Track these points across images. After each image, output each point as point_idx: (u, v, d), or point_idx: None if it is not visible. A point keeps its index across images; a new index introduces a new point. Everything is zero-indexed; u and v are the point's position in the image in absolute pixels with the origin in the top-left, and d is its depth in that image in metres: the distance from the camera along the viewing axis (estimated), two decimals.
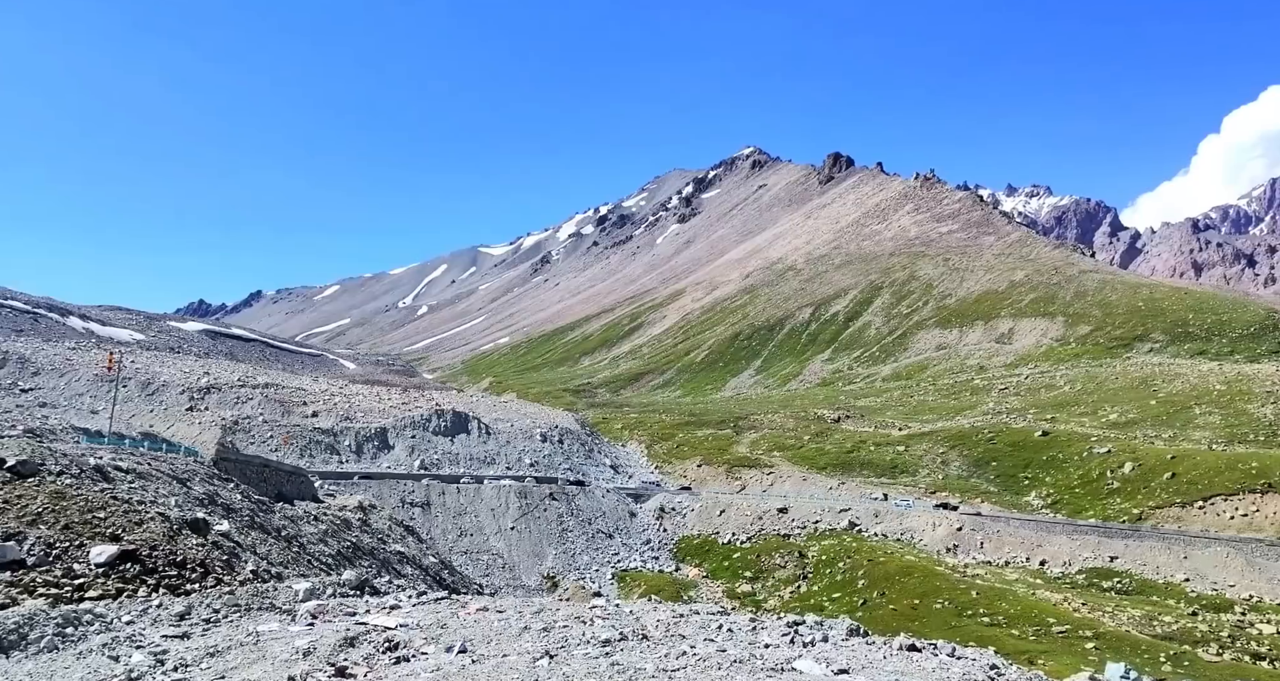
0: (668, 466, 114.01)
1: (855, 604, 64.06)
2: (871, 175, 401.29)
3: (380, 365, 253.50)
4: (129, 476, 38.49)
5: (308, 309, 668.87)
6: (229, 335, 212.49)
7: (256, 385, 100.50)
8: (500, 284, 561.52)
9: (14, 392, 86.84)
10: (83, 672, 8.03)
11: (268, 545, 38.10)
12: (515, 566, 76.04)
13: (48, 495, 31.49)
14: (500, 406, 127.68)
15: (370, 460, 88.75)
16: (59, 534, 29.18)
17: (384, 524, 52.81)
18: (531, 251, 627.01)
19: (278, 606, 13.29)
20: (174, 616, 10.97)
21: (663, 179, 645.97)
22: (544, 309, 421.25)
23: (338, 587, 14.73)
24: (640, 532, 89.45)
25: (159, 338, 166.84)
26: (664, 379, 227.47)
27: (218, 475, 46.82)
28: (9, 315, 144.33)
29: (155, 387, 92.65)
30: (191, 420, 79.65)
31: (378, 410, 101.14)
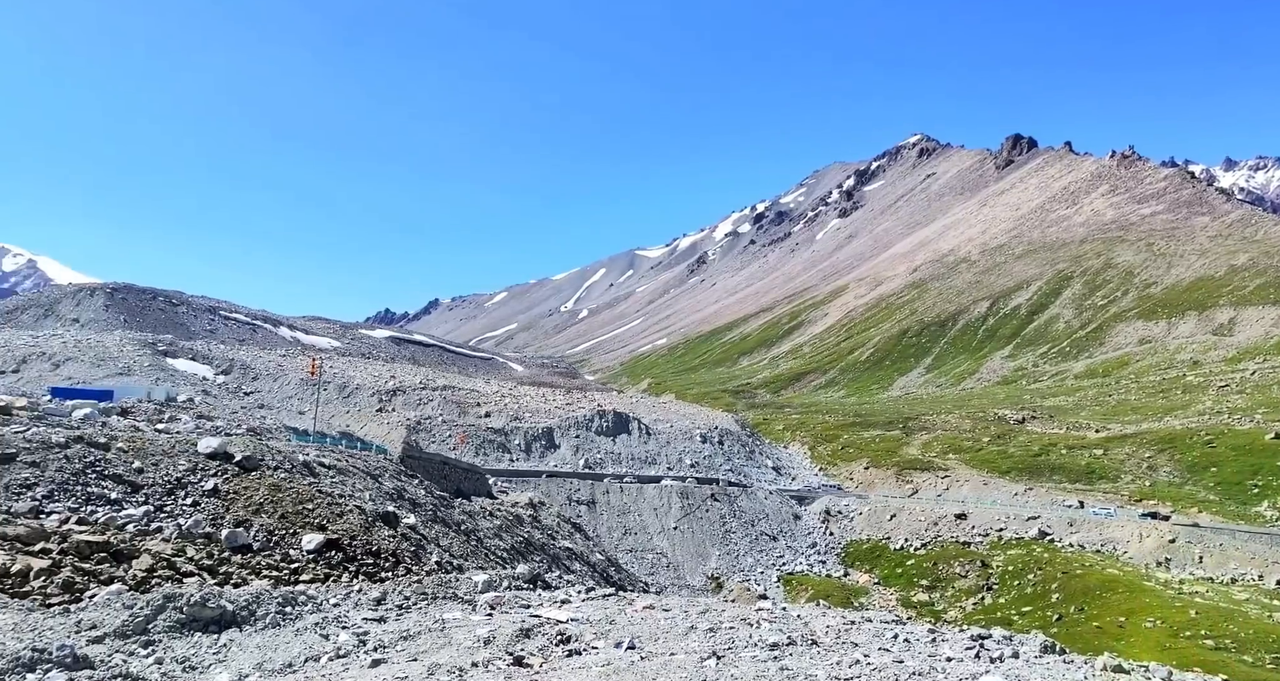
0: (832, 468, 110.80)
1: (1049, 619, 59.17)
2: (1058, 156, 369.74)
3: (545, 367, 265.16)
4: (331, 472, 42.63)
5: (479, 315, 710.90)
6: (411, 341, 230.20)
7: (436, 387, 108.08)
8: (657, 286, 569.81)
9: (239, 395, 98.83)
10: (300, 648, 8.91)
11: (449, 538, 40.90)
12: (679, 566, 76.75)
13: (267, 487, 35.48)
14: (659, 407, 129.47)
15: (538, 459, 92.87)
16: (277, 522, 32.79)
17: (553, 520, 55.05)
18: (687, 252, 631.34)
19: (459, 596, 14.09)
20: (372, 601, 11.94)
21: (822, 173, 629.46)
22: (701, 309, 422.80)
23: (512, 581, 15.43)
24: (805, 535, 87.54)
25: (352, 344, 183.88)
26: (826, 379, 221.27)
27: (404, 471, 50.84)
28: (233, 327, 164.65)
29: (350, 390, 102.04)
30: (381, 420, 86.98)
31: (544, 411, 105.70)
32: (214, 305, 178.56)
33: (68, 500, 31.69)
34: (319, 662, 9.13)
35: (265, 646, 9.12)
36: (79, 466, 33.26)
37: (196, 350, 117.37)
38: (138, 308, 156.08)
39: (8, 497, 30.82)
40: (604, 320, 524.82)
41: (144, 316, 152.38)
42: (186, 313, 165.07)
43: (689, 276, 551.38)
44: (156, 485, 34.95)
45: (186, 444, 38.97)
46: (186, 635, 8.95)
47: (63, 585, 20.45)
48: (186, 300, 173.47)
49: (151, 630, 8.79)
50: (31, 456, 32.54)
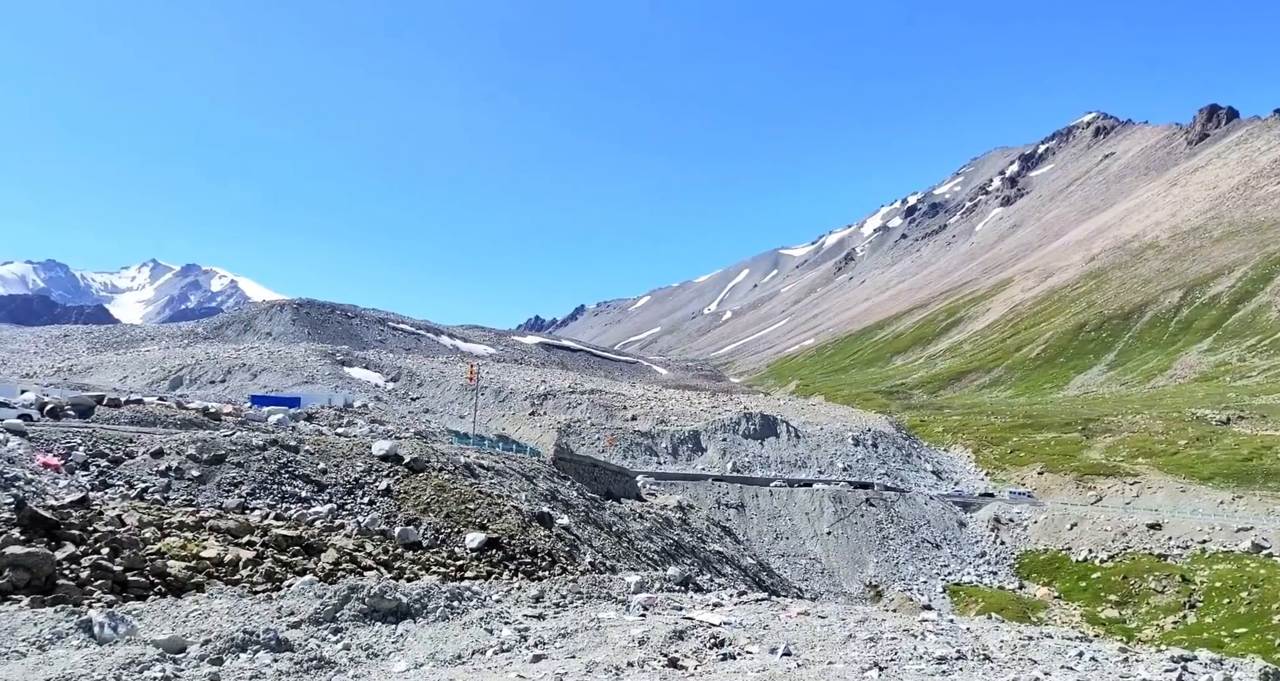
0: (1000, 473, 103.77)
1: (1269, 643, 52.49)
2: (1265, 126, 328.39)
3: (690, 370, 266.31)
4: (490, 473, 44.86)
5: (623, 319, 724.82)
6: (559, 346, 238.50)
7: (584, 391, 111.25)
8: (802, 285, 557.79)
9: (406, 400, 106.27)
10: (467, 640, 9.38)
11: (602, 539, 41.92)
12: (834, 572, 74.58)
13: (433, 488, 37.86)
14: (808, 409, 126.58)
15: (685, 462, 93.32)
16: (443, 521, 34.91)
17: (702, 523, 55.08)
18: (834, 250, 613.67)
19: (613, 596, 14.32)
20: (531, 598, 12.38)
21: (981, 160, 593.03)
22: (849, 308, 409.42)
23: (664, 582, 15.51)
24: (972, 544, 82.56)
25: (506, 351, 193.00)
26: (991, 377, 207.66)
27: (556, 473, 52.65)
28: (400, 336, 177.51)
29: (505, 395, 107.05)
30: (533, 423, 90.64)
31: (689, 413, 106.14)
32: (383, 317, 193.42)
33: (267, 497, 35.26)
34: (485, 656, 9.55)
35: (437, 638, 9.67)
36: (275, 467, 36.93)
37: (369, 359, 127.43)
38: (319, 321, 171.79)
39: (219, 494, 34.72)
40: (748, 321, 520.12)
41: (324, 328, 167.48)
42: (360, 324, 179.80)
43: (836, 274, 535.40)
44: (338, 485, 38.19)
45: (362, 446, 42.31)
46: (368, 624, 9.66)
47: (265, 574, 22.72)
48: (360, 313, 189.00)
49: (339, 618, 9.55)
50: (237, 458, 36.50)
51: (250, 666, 7.56)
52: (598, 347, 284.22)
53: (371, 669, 8.46)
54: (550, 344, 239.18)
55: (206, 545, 23.85)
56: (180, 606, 11.33)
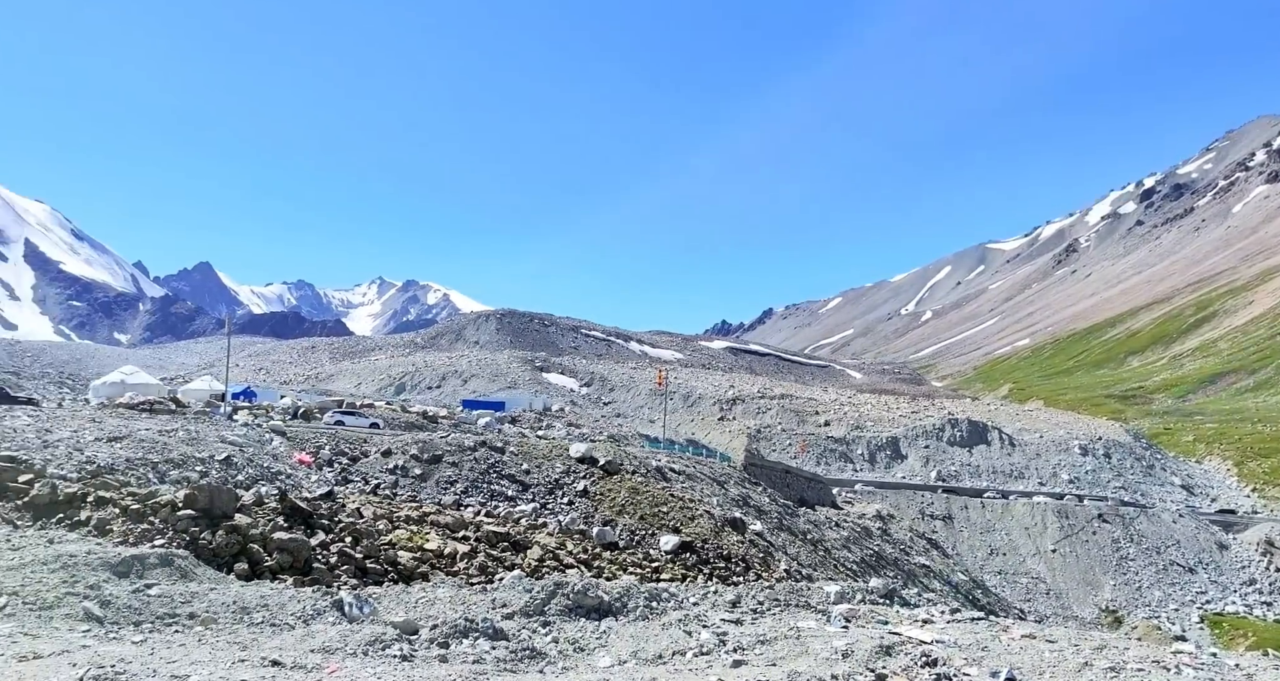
0: (1271, 489, 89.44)
1: None
2: None
3: (886, 374, 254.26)
4: (680, 477, 45.43)
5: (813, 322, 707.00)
6: (747, 351, 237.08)
7: (774, 396, 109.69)
8: (1014, 281, 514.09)
9: (599, 404, 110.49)
10: (667, 641, 9.47)
11: (796, 546, 41.01)
12: (1061, 594, 67.81)
13: (627, 490, 38.97)
14: (1024, 415, 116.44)
15: (883, 469, 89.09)
16: (637, 523, 35.82)
17: (904, 534, 52.23)
18: (1052, 241, 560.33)
19: (812, 606, 13.87)
20: (727, 603, 12.28)
21: (1238, 133, 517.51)
22: (1072, 304, 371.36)
23: (866, 594, 14.79)
24: (1237, 570, 71.85)
25: (693, 356, 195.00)
26: (1255, 380, 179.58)
27: (747, 479, 52.27)
28: (592, 343, 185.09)
29: (693, 399, 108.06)
30: (722, 428, 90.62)
31: (887, 419, 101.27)
32: (576, 324, 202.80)
33: (478, 495, 38.07)
34: (684, 657, 9.58)
35: (638, 636, 9.85)
36: (484, 467, 39.78)
37: (564, 365, 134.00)
38: (519, 329, 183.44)
39: (438, 491, 37.99)
40: (951, 321, 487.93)
41: (524, 336, 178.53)
42: (555, 332, 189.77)
43: (1055, 267, 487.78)
44: (540, 485, 40.41)
45: (561, 449, 44.49)
46: (574, 619, 10.04)
47: (479, 567, 24.46)
48: (555, 321, 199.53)
49: (547, 612, 10.02)
50: (452, 458, 39.73)
51: (472, 651, 8.13)
52: (787, 351, 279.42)
53: (579, 662, 8.78)
54: (737, 348, 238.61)
55: (429, 538, 26.11)
56: (410, 593, 12.39)
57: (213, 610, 9.40)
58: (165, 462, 27.50)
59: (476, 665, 7.75)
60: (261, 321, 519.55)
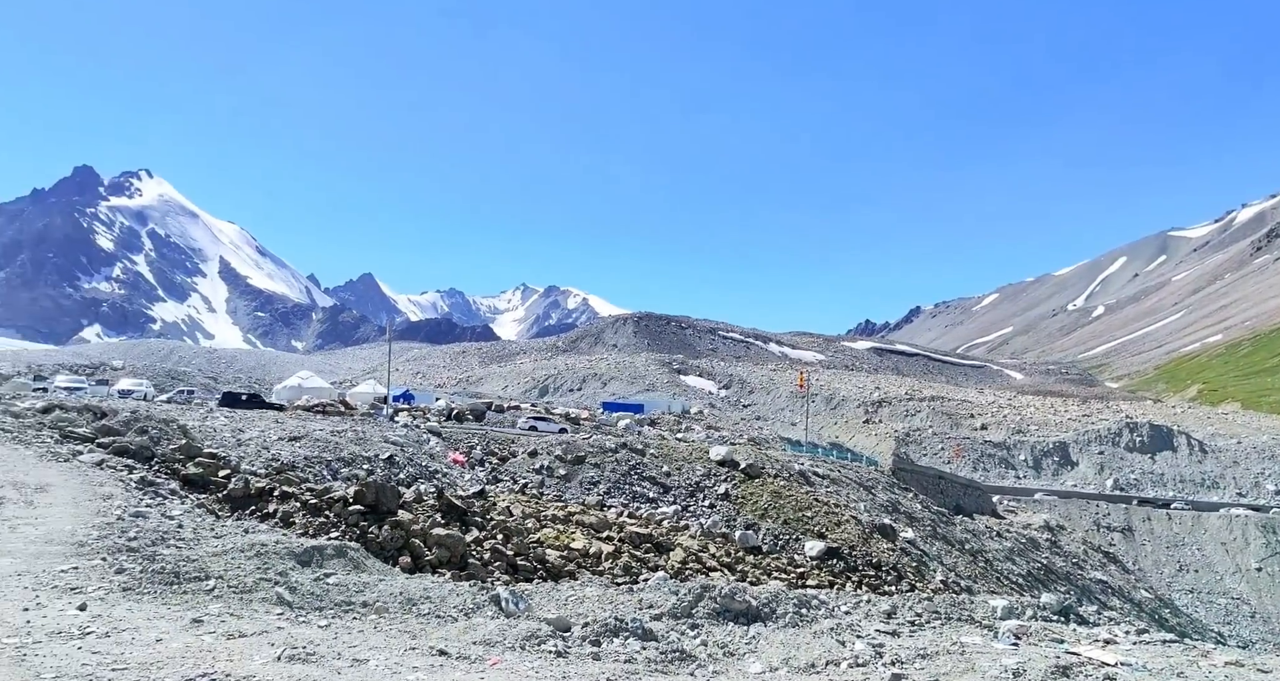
0: None
1: None
2: None
3: (1051, 374, 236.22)
4: (825, 481, 44.17)
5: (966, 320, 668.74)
6: (893, 351, 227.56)
7: (923, 398, 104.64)
8: (1204, 271, 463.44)
9: (738, 407, 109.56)
10: (819, 650, 9.15)
11: (953, 557, 38.75)
12: (1269, 618, 60.41)
13: (769, 494, 38.33)
14: (1217, 418, 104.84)
15: (1051, 476, 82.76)
16: (780, 527, 35.14)
17: (1077, 547, 48.23)
18: (1250, 226, 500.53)
19: (976, 620, 12.99)
20: (882, 613, 11.72)
21: None
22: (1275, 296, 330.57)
23: (1038, 610, 13.69)
24: None
25: (835, 357, 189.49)
26: None
27: (897, 484, 50.02)
28: (730, 345, 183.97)
29: (836, 402, 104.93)
30: (868, 431, 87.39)
31: (1054, 423, 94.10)
32: (714, 326, 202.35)
33: (620, 496, 38.72)
34: (839, 667, 9.22)
35: (788, 643, 9.57)
36: (626, 468, 40.42)
37: (702, 367, 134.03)
38: (656, 332, 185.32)
39: (582, 491, 38.96)
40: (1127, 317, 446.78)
41: (662, 339, 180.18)
42: (692, 334, 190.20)
43: (1253, 255, 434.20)
44: (680, 487, 40.56)
45: (701, 451, 44.46)
46: (721, 623, 9.89)
47: (623, 567, 24.81)
48: (692, 323, 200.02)
49: (695, 615, 9.93)
50: (594, 459, 40.66)
51: (623, 650, 8.18)
52: (937, 351, 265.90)
53: (729, 666, 8.63)
54: (883, 348, 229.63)
55: (575, 537, 26.79)
56: (559, 591, 12.68)
57: (382, 600, 10.00)
58: (337, 461, 29.85)
59: (628, 664, 7.79)
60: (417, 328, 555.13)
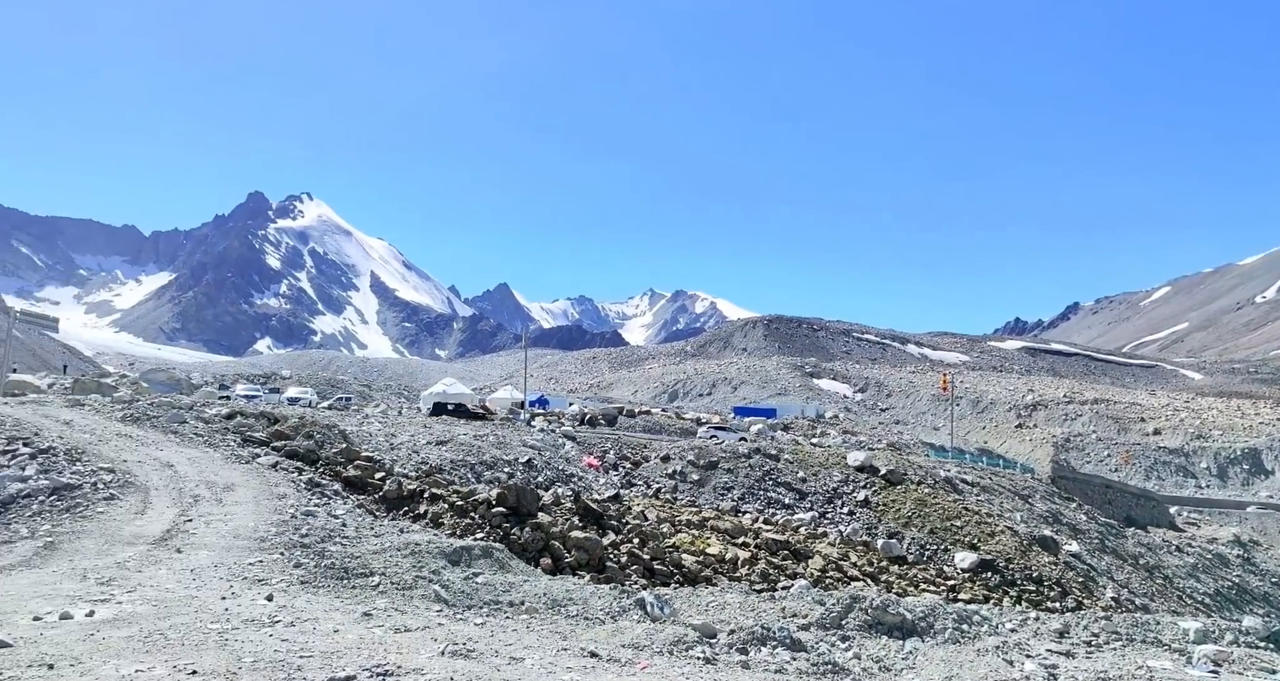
0: None
1: None
2: None
3: (1236, 373, 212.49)
4: (974, 489, 41.64)
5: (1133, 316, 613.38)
6: (1048, 351, 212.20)
7: (1084, 401, 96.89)
8: None
9: (875, 411, 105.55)
10: (984, 669, 8.51)
11: (1124, 572, 35.42)
12: None
13: (913, 501, 36.55)
14: None
15: (1239, 486, 74.42)
16: (926, 536, 33.41)
17: (1275, 565, 42.94)
18: None
19: (1163, 643, 11.72)
20: (1053, 632, 10.78)
21: None
22: None
23: (1239, 635, 12.18)
24: None
25: (981, 358, 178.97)
26: None
27: (1057, 493, 46.39)
28: (865, 347, 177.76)
29: (984, 405, 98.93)
30: (1020, 436, 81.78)
31: (1241, 426, 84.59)
32: (847, 328, 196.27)
33: (755, 502, 38.16)
34: None
35: (949, 661, 8.96)
36: (760, 474, 39.80)
37: (836, 370, 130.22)
38: (787, 335, 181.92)
39: (715, 497, 38.70)
40: None
41: (793, 342, 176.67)
42: (825, 337, 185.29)
43: None
44: (817, 493, 39.47)
45: (838, 457, 43.08)
46: (874, 636, 9.40)
47: (761, 574, 24.36)
48: (825, 325, 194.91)
49: (845, 626, 9.50)
50: (728, 464, 40.30)
51: (772, 660, 7.92)
52: (1099, 350, 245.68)
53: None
54: (1035, 348, 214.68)
55: (710, 543, 26.59)
56: (699, 596, 12.53)
57: (528, 600, 10.20)
58: (480, 464, 31.15)
59: (778, 675, 7.53)
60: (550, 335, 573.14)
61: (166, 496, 14.58)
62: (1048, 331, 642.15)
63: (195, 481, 16.10)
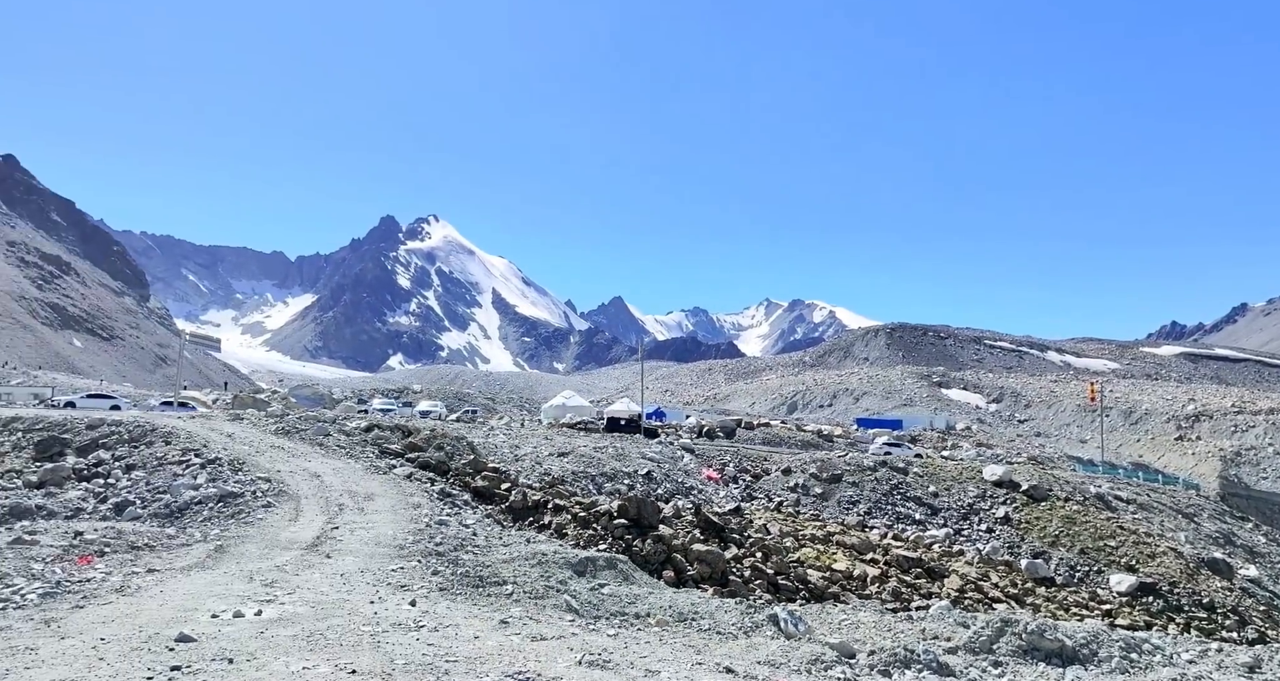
0: None
1: None
2: None
3: None
4: (1130, 506, 38.35)
5: None
6: (1211, 357, 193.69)
7: (1258, 411, 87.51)
8: None
9: (1012, 423, 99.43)
10: None
11: None
12: None
13: (1060, 519, 34.04)
14: None
15: None
16: (1076, 557, 30.98)
17: None
18: None
19: None
20: (1241, 666, 9.66)
21: None
22: None
23: None
24: None
25: (1133, 365, 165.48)
26: None
27: (1228, 512, 42.02)
28: (999, 355, 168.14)
29: (1137, 416, 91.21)
30: (1181, 450, 74.80)
31: None
32: (978, 335, 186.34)
33: (882, 517, 36.66)
34: None
35: None
36: (887, 488, 38.23)
37: (966, 379, 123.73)
38: (911, 343, 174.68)
39: (840, 511, 37.46)
40: None
41: (917, 351, 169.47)
42: (953, 344, 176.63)
43: None
44: (950, 509, 37.46)
45: (972, 471, 40.78)
46: (1029, 663, 8.71)
47: (892, 592, 23.27)
48: (953, 333, 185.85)
49: (996, 651, 8.85)
50: (852, 477, 38.96)
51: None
52: (1273, 355, 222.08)
53: None
54: (1197, 354, 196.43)
55: (836, 558, 25.70)
56: (830, 614, 12.07)
57: (654, 613, 10.11)
58: (600, 475, 31.53)
59: None
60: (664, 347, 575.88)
61: (315, 505, 15.54)
62: (1210, 335, 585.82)
63: (339, 491, 17.08)
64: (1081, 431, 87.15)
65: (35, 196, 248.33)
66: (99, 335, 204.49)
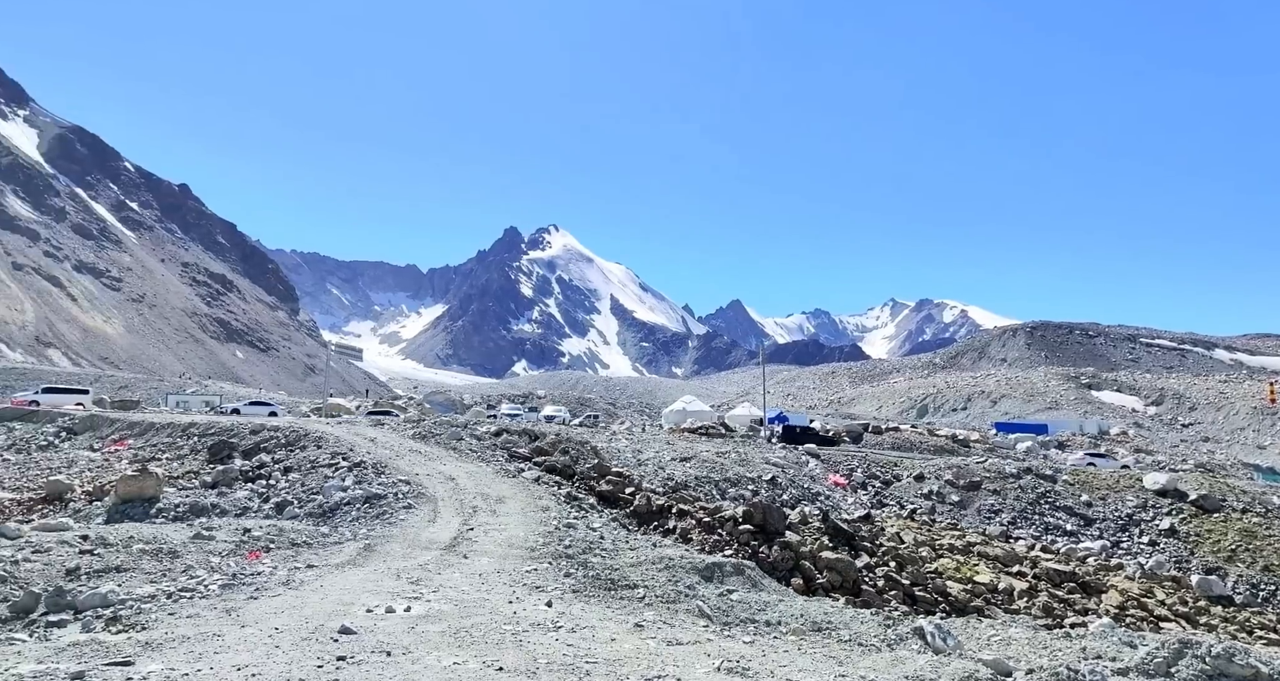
0: None
1: None
2: None
3: None
4: None
5: None
6: None
7: None
8: None
9: (1174, 427, 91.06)
10: None
11: None
12: None
13: (1236, 532, 30.84)
14: None
15: None
16: (1258, 574, 27.95)
17: None
18: None
19: None
20: None
21: None
22: None
23: None
24: None
25: None
26: None
27: None
28: (1156, 354, 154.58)
29: None
30: None
31: None
32: (1132, 333, 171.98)
33: (1029, 527, 34.34)
34: None
35: None
36: (1033, 496, 35.81)
37: (1120, 381, 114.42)
38: (1055, 343, 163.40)
39: (980, 520, 35.39)
40: None
41: (1062, 351, 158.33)
42: (1104, 343, 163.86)
43: None
44: (1106, 520, 34.64)
45: (1131, 479, 37.56)
46: None
47: (1043, 607, 21.71)
48: (1103, 331, 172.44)
49: (1174, 675, 7.99)
50: (992, 485, 36.75)
51: None
52: None
53: None
54: None
55: (978, 570, 24.26)
56: (978, 629, 11.33)
57: (785, 621, 9.82)
58: (724, 481, 31.21)
59: None
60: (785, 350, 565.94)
61: (451, 506, 16.20)
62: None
63: (473, 493, 17.73)
64: (1259, 436, 78.60)
65: (204, 221, 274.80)
66: (257, 347, 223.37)
